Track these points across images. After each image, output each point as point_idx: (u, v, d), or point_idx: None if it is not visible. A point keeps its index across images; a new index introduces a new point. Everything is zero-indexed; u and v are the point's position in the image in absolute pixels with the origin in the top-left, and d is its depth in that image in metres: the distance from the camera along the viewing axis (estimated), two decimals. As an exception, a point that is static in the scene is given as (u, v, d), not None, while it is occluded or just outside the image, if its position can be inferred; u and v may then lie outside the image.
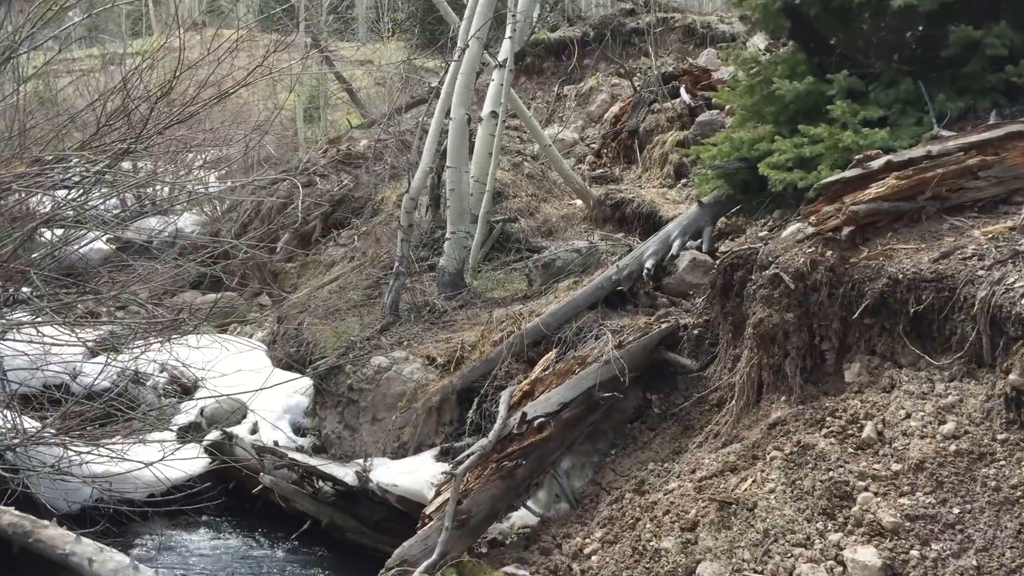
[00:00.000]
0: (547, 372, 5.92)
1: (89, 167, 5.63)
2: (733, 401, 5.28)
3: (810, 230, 5.08)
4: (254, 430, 7.38)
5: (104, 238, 9.86)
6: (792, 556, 4.00)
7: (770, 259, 5.17)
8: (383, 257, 9.62)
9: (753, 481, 4.49)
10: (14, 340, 6.11)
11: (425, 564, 4.66)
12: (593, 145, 13.14)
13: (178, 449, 6.19)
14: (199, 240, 8.42)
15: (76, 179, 6.32)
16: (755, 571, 4.03)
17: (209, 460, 7.03)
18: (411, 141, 11.96)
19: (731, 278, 5.66)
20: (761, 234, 6.27)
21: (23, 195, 6.55)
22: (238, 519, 7.18)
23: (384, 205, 11.33)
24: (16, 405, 5.85)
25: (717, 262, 5.99)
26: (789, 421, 4.71)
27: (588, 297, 6.79)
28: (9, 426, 5.70)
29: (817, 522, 4.08)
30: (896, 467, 4.07)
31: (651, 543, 4.52)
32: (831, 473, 4.21)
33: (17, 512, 5.51)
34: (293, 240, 11.60)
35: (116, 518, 6.11)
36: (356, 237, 10.89)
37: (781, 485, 4.34)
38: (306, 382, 7.74)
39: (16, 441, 5.48)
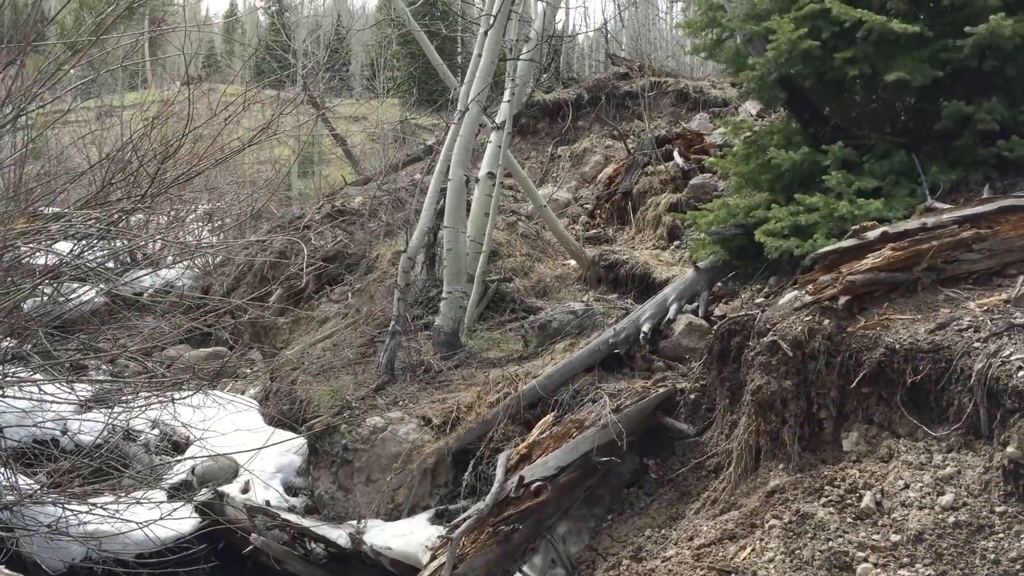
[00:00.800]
0: (544, 435, 5.92)
1: (93, 224, 5.66)
2: (731, 467, 5.28)
3: (808, 298, 5.14)
4: (246, 489, 7.30)
5: (97, 293, 9.84)
6: (793, 628, 3.98)
7: (768, 326, 5.23)
8: (378, 314, 9.64)
9: (752, 550, 4.48)
10: (13, 397, 6.07)
11: (420, 631, 4.61)
12: (587, 206, 13.30)
13: (174, 511, 6.12)
14: (195, 299, 8.42)
15: (77, 236, 6.35)
16: (756, 643, 4.00)
17: (200, 520, 6.94)
18: (406, 198, 12.09)
19: (728, 344, 5.70)
20: (757, 300, 6.33)
21: (23, 250, 6.57)
22: (228, 580, 7.08)
23: (379, 262, 11.39)
24: (12, 463, 5.80)
25: (714, 327, 6.05)
26: (788, 489, 4.72)
27: (585, 360, 6.81)
28: (5, 484, 5.65)
29: (817, 593, 4.07)
30: (895, 538, 4.07)
31: (650, 612, 4.50)
32: (830, 543, 4.21)
33: (8, 571, 5.42)
34: (286, 296, 11.61)
35: (104, 578, 6.02)
36: (350, 294, 10.91)
37: (780, 554, 4.33)
38: (299, 441, 7.69)
39: (12, 500, 5.42)
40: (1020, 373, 3.95)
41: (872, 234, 5.05)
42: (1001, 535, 3.82)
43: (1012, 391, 3.96)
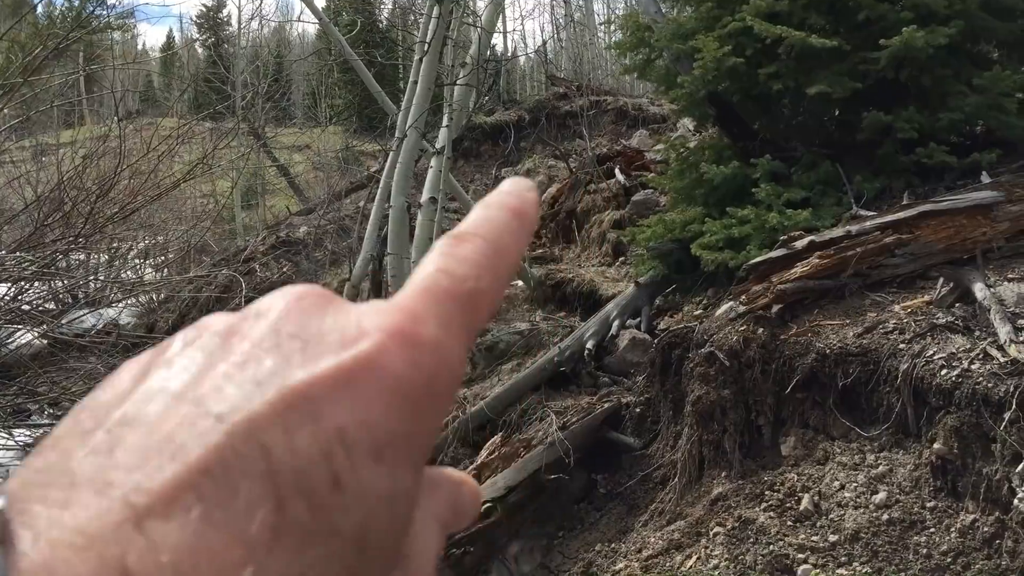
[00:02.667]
0: (493, 456, 5.95)
1: (28, 266, 5.60)
2: (676, 478, 5.36)
3: (741, 309, 5.27)
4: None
5: (36, 334, 9.68)
6: (739, 632, 4.06)
7: (705, 337, 5.34)
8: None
9: (697, 558, 4.56)
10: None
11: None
12: (532, 226, 13.38)
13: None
14: (134, 335, 8.31)
15: (12, 279, 6.26)
16: (704, 649, 4.07)
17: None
18: (350, 226, 12.09)
19: (669, 357, 5.80)
20: (696, 313, 6.46)
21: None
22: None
23: (325, 291, 11.35)
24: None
25: (655, 341, 6.15)
26: (730, 496, 4.81)
27: (531, 379, 6.87)
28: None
29: (761, 597, 4.15)
30: (833, 538, 4.18)
31: (601, 626, 4.54)
32: (771, 547, 4.30)
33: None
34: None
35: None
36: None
37: (724, 561, 4.42)
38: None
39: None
40: (943, 372, 4.10)
41: (800, 243, 5.20)
42: (932, 530, 3.95)
43: (936, 389, 4.11)
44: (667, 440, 5.77)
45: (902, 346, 4.43)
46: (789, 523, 4.38)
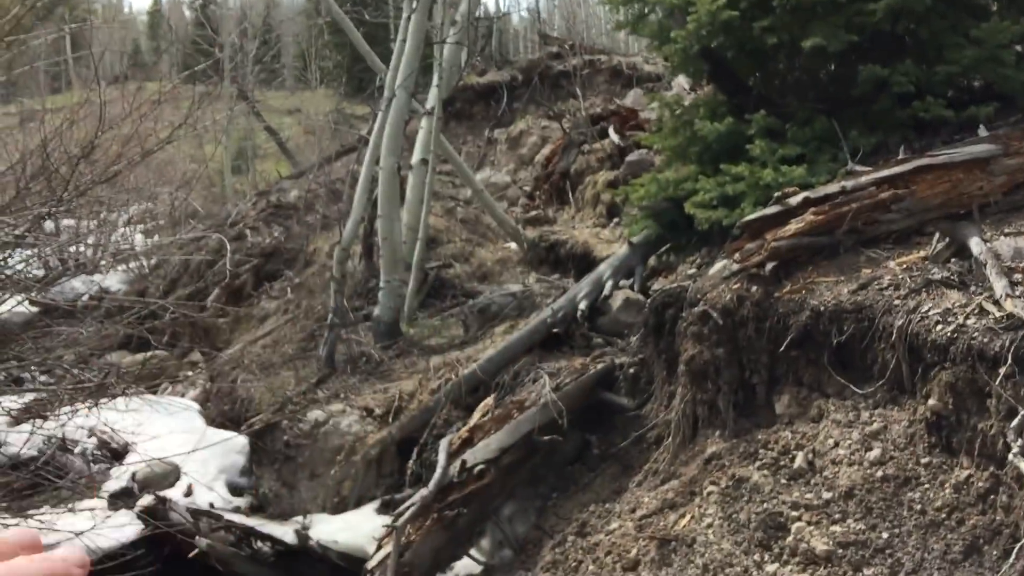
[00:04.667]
0: (486, 418, 5.92)
1: (9, 231, 5.49)
2: (670, 438, 5.34)
3: (735, 267, 5.20)
4: (188, 492, 7.18)
5: (26, 301, 9.60)
6: (732, 591, 4.04)
7: (698, 296, 5.28)
8: (317, 309, 9.53)
9: (691, 517, 4.54)
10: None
11: (369, 621, 4.59)
12: (526, 188, 13.27)
13: (109, 517, 6.00)
14: (125, 301, 8.24)
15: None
16: (697, 608, 4.06)
17: (142, 526, 6.80)
18: (342, 190, 11.96)
19: (663, 316, 5.75)
20: (690, 272, 6.40)
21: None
22: (175, 585, 6.96)
23: (316, 256, 11.25)
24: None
25: (648, 301, 6.09)
26: (724, 455, 4.78)
27: (524, 341, 6.82)
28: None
29: (754, 554, 4.14)
30: (827, 495, 4.15)
31: (594, 585, 4.53)
32: (765, 505, 4.28)
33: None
34: (224, 295, 11.42)
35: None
36: (289, 289, 10.77)
37: (718, 519, 4.40)
38: (241, 441, 7.58)
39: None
40: (938, 327, 4.04)
41: (794, 200, 5.12)
42: (927, 485, 3.92)
43: (931, 345, 4.05)
44: (661, 400, 5.74)
45: (897, 302, 4.37)
46: (783, 481, 4.35)
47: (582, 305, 6.80)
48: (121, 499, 7.01)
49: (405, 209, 9.08)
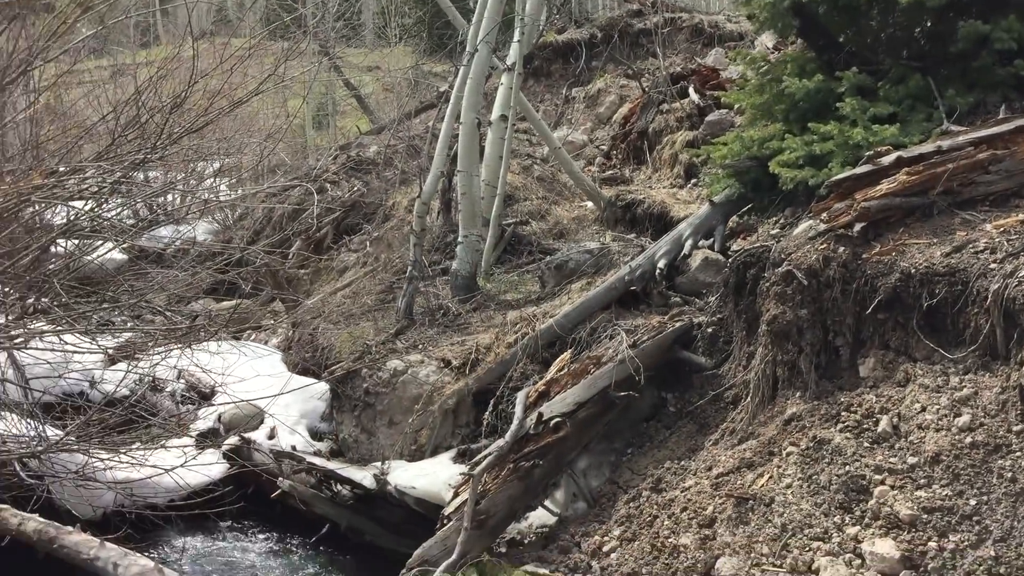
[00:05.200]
0: (562, 373, 5.95)
1: (105, 177, 5.69)
2: (748, 398, 5.30)
3: (822, 227, 5.11)
4: (271, 435, 7.44)
5: (119, 248, 9.96)
6: (810, 550, 4.03)
7: (783, 256, 5.20)
8: (396, 262, 9.67)
9: (770, 477, 4.53)
10: (36, 348, 6.19)
11: (445, 564, 4.70)
12: (602, 147, 13.16)
13: (198, 454, 6.24)
14: (214, 247, 8.48)
15: (92, 190, 6.39)
16: (773, 565, 4.06)
17: (228, 465, 7.08)
18: (421, 146, 12.04)
19: (744, 276, 5.68)
20: (773, 232, 6.30)
21: (40, 207, 6.63)
22: (258, 523, 7.23)
23: (395, 210, 11.38)
24: (40, 414, 5.93)
25: (729, 260, 6.02)
26: (804, 417, 4.74)
27: (601, 298, 6.81)
28: (33, 434, 5.79)
29: (834, 516, 4.11)
30: (912, 460, 4.10)
31: (669, 540, 4.56)
32: (847, 467, 4.24)
33: (41, 519, 5.56)
34: (305, 247, 11.66)
35: (138, 524, 6.16)
36: (368, 243, 10.94)
37: (798, 480, 4.37)
38: (322, 387, 7.80)
39: (40, 448, 5.55)
40: (1037, 292, 3.92)
41: (887, 159, 4.99)
42: (1018, 453, 3.84)
43: (1028, 310, 3.94)
44: (739, 360, 5.69)
45: (993, 266, 4.25)
46: (866, 444, 4.30)
47: (661, 264, 6.75)
48: (208, 439, 7.29)
49: (484, 165, 9.10)
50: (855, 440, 4.36)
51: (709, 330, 6.17)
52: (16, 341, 5.79)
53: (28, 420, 6.10)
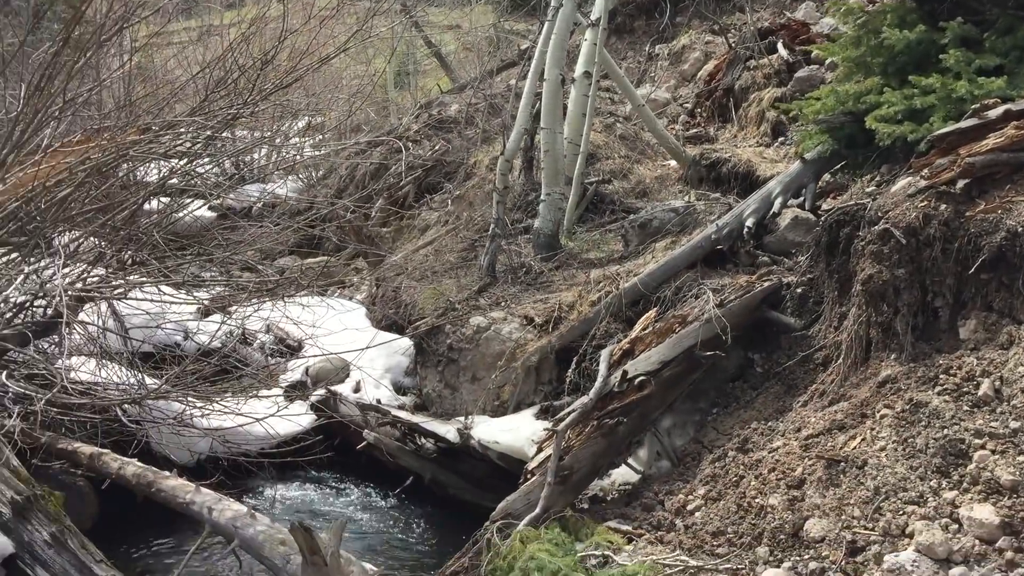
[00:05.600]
0: (647, 331, 5.90)
1: (199, 132, 5.82)
2: (840, 360, 5.18)
3: (922, 184, 4.92)
4: (357, 389, 7.59)
5: (207, 206, 10.22)
6: (904, 513, 3.94)
7: (879, 214, 5.04)
8: (477, 220, 9.69)
9: (863, 439, 4.42)
10: (135, 299, 6.42)
11: (528, 518, 4.73)
12: (687, 105, 12.91)
13: (288, 405, 6.41)
14: (303, 202, 8.64)
15: (186, 146, 6.55)
16: (865, 528, 3.98)
17: (315, 417, 7.25)
18: (502, 105, 11.99)
19: (837, 235, 5.52)
20: (868, 189, 6.10)
21: (134, 164, 6.83)
22: (344, 474, 7.41)
23: (476, 169, 11.38)
24: (138, 362, 6.16)
25: (822, 219, 5.87)
26: (900, 379, 4.61)
27: (687, 256, 6.72)
28: (132, 381, 6.02)
29: (931, 480, 4.00)
30: (1015, 425, 3.96)
31: (756, 500, 4.51)
32: (945, 431, 4.12)
33: (140, 464, 5.79)
34: (387, 205, 11.78)
35: (230, 471, 6.38)
36: (449, 201, 10.98)
37: (892, 443, 4.26)
38: (406, 343, 7.91)
39: (140, 395, 5.77)
40: None
41: (994, 113, 4.78)
42: None
43: None
44: (831, 321, 5.56)
45: (1109, 224, 4.04)
46: (966, 408, 4.17)
47: (749, 222, 6.62)
48: (296, 391, 7.47)
49: (566, 122, 9.01)
50: (954, 403, 4.23)
51: (798, 290, 6.04)
52: (116, 292, 6.00)
53: (128, 369, 6.34)
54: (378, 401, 7.33)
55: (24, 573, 4.48)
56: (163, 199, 7.61)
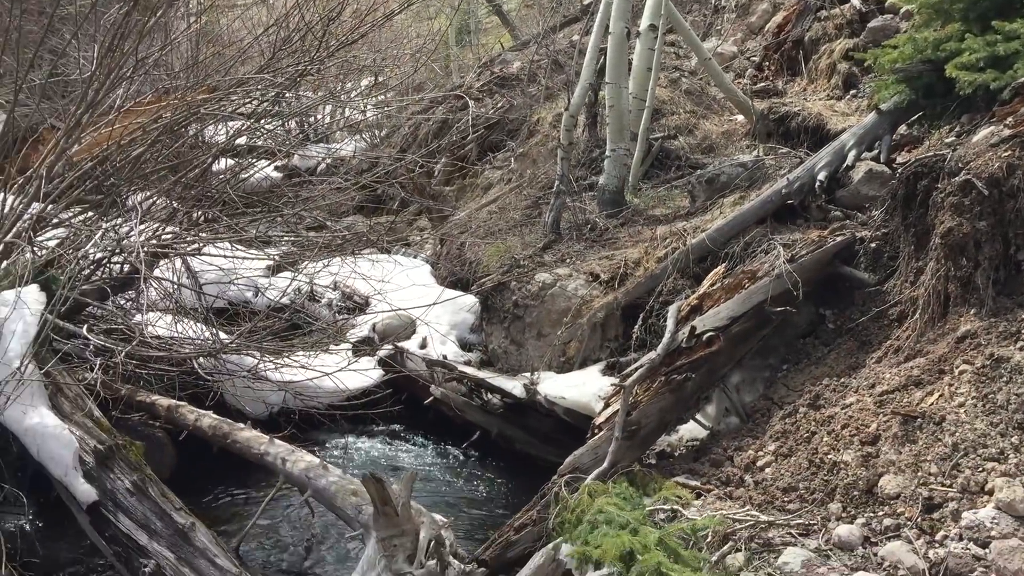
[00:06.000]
0: (715, 287, 5.82)
1: (267, 91, 5.88)
2: (916, 315, 5.05)
3: (1006, 132, 4.75)
4: (423, 345, 7.66)
5: (273, 166, 10.34)
6: (984, 470, 3.84)
7: (960, 165, 4.88)
8: (541, 178, 9.65)
9: (940, 395, 4.32)
10: (209, 255, 6.55)
11: (596, 472, 4.74)
12: (754, 58, 12.61)
13: (356, 360, 6.50)
14: (367, 160, 8.69)
15: (253, 105, 6.61)
16: (943, 484, 3.90)
17: (383, 372, 7.36)
18: (565, 61, 11.85)
19: (914, 188, 5.37)
20: (947, 140, 5.90)
21: (203, 124, 6.93)
22: (412, 428, 7.52)
23: (539, 126, 11.30)
24: (213, 318, 6.32)
25: (899, 171, 5.70)
26: (980, 334, 4.48)
27: (756, 211, 6.60)
28: (207, 335, 6.17)
29: (1012, 436, 3.90)
30: (1103, 381, 3.83)
31: (829, 456, 4.44)
32: (1028, 387, 4.00)
33: (216, 416, 5.95)
34: (450, 164, 11.79)
35: (301, 424, 6.52)
36: (512, 159, 10.94)
37: (971, 399, 4.16)
38: (471, 300, 7.95)
39: (216, 348, 5.92)
40: None
41: (1086, 56, 4.56)
42: None
43: None
44: (906, 276, 5.42)
45: None
46: (1051, 363, 4.04)
47: (821, 176, 6.46)
48: (364, 346, 7.58)
49: (631, 77, 8.88)
50: (1038, 359, 4.10)
51: (872, 245, 5.89)
52: (191, 248, 6.14)
53: (202, 323, 6.51)
54: (444, 357, 7.40)
55: (107, 520, 4.66)
56: (231, 159, 7.73)
